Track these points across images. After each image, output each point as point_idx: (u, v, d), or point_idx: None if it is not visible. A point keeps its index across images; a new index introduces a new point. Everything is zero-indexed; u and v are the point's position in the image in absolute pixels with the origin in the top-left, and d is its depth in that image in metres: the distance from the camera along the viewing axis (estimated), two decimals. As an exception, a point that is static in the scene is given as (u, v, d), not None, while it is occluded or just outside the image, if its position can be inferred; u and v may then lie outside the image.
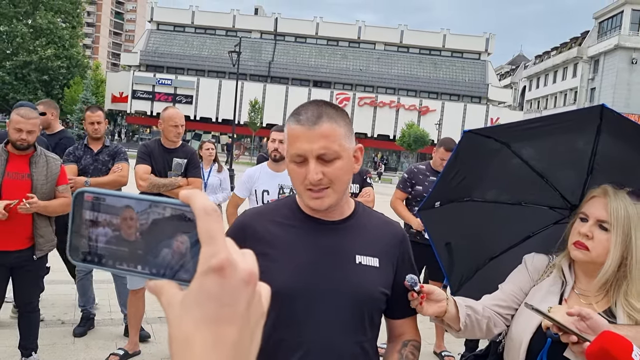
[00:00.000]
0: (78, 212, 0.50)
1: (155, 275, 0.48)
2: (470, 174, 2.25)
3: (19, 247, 3.65)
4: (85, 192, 0.50)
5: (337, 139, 1.46)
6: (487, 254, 2.37)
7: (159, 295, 0.48)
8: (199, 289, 0.45)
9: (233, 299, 0.45)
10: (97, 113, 4.77)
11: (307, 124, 1.45)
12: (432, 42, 60.80)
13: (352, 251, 1.55)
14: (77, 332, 4.73)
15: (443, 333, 5.06)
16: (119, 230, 0.49)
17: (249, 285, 0.46)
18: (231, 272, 0.45)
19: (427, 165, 5.04)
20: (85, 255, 0.50)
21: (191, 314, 0.45)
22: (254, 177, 4.13)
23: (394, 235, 1.66)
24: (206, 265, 0.45)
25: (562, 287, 1.82)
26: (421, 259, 4.82)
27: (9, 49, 49.86)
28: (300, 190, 1.51)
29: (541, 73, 65.86)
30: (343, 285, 1.50)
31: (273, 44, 60.51)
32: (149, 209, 0.48)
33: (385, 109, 57.16)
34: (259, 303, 0.49)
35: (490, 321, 1.83)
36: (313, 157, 1.44)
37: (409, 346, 1.64)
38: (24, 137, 3.56)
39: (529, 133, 2.12)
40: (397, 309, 1.65)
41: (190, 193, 0.47)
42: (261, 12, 66.99)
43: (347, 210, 1.61)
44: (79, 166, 4.60)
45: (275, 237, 1.54)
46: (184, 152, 4.41)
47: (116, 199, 0.49)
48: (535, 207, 2.30)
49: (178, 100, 55.23)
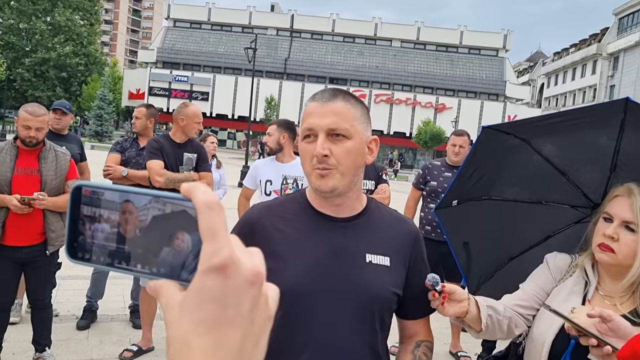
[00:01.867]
0: (75, 207, 0.48)
1: (155, 275, 0.46)
2: (488, 171, 2.19)
3: (31, 242, 3.65)
4: (83, 186, 0.48)
5: (349, 118, 1.43)
6: (506, 254, 2.30)
7: (158, 295, 0.45)
8: (199, 289, 0.42)
9: (236, 301, 0.42)
10: (138, 109, 5.07)
11: (321, 100, 1.46)
12: (449, 38, 60.36)
13: (362, 250, 1.50)
14: (81, 325, 4.76)
15: (459, 333, 4.99)
16: (118, 226, 0.46)
17: (253, 286, 0.43)
18: (234, 271, 0.42)
19: (442, 161, 5.00)
20: (83, 253, 0.48)
21: (190, 316, 0.42)
22: (259, 168, 4.26)
23: (407, 232, 1.59)
24: (207, 263, 0.42)
25: (585, 288, 1.76)
26: (437, 257, 4.78)
27: (28, 46, 50.57)
28: (308, 171, 1.47)
29: (560, 70, 65.13)
30: (352, 285, 1.45)
31: (289, 41, 60.51)
32: (149, 205, 0.46)
33: (402, 106, 56.88)
34: (265, 306, 0.45)
35: (511, 322, 1.78)
36: (323, 131, 1.42)
37: (422, 347, 1.59)
38: (32, 135, 3.55)
39: (550, 129, 2.05)
40: (409, 309, 1.60)
41: (192, 186, 0.44)
42: (277, 9, 67.00)
43: (359, 207, 1.55)
44: (123, 157, 4.83)
45: (284, 234, 1.50)
46: (193, 147, 4.41)
47: (115, 194, 0.47)
48: (556, 205, 2.23)
49: (194, 97, 55.49)
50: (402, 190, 6.05)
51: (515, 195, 2.26)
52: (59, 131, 5.04)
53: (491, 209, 2.26)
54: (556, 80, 66.69)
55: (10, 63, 47.96)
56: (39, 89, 49.38)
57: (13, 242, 3.60)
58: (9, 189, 3.53)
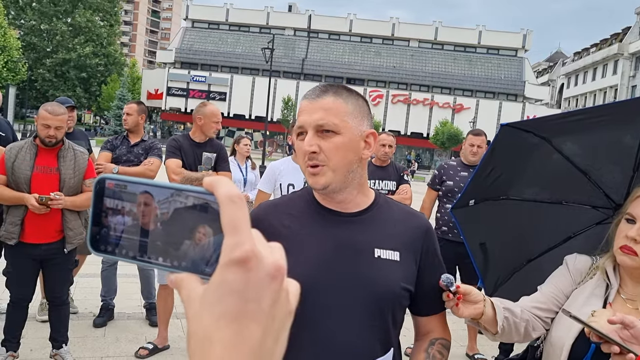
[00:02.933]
0: (99, 200, 0.48)
1: (177, 268, 0.45)
2: (507, 170, 2.14)
3: (49, 240, 3.68)
4: (107, 178, 0.48)
5: (339, 113, 1.41)
6: (525, 256, 2.25)
7: (179, 289, 0.45)
8: (221, 283, 0.42)
9: (257, 295, 0.42)
10: (129, 105, 5.00)
11: (311, 97, 1.45)
12: (468, 38, 59.95)
13: (371, 244, 1.46)
14: (97, 323, 4.79)
15: (476, 335, 4.92)
16: (140, 219, 0.47)
17: (275, 280, 0.43)
18: (256, 264, 0.42)
19: (457, 161, 4.93)
20: (106, 245, 0.48)
21: (211, 309, 0.42)
22: (278, 170, 4.02)
23: (417, 227, 1.55)
24: (228, 256, 0.41)
25: (607, 291, 1.71)
26: (454, 258, 4.72)
27: (49, 47, 51.27)
28: (303, 167, 1.45)
29: (580, 70, 64.33)
30: (360, 280, 1.42)
31: (306, 41, 60.58)
32: (170, 198, 0.46)
33: (419, 107, 56.61)
34: (286, 301, 0.45)
35: (529, 325, 1.73)
36: (311, 127, 1.41)
37: (436, 345, 1.55)
38: (52, 134, 3.57)
39: (571, 127, 2.00)
40: (422, 306, 1.57)
41: (214, 180, 0.44)
42: (295, 9, 67.12)
43: (365, 202, 1.52)
44: (113, 155, 4.80)
45: (290, 230, 1.48)
46: (213, 147, 4.41)
47: (138, 186, 0.47)
48: (577, 206, 2.18)
49: (212, 97, 55.80)
50: (419, 191, 5.99)
51: (534, 195, 2.21)
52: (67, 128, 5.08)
53: (509, 209, 2.21)
54: (576, 80, 65.87)
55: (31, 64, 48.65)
56: (59, 89, 50.03)
57: (32, 239, 3.64)
58: (29, 187, 3.56)
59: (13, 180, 3.57)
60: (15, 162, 3.58)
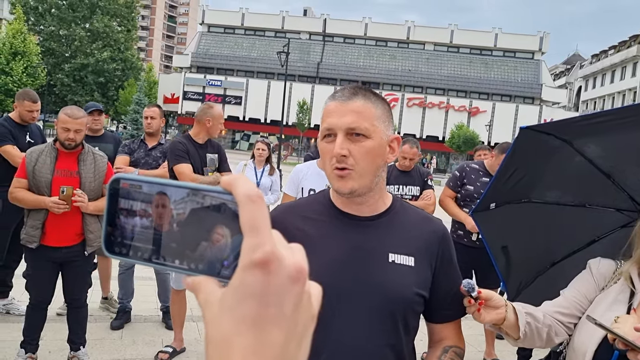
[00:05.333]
0: (113, 200, 0.47)
1: (194, 271, 0.44)
2: (528, 173, 2.11)
3: (69, 243, 3.71)
4: (122, 178, 0.47)
5: (369, 117, 1.40)
6: (548, 259, 2.21)
7: (197, 292, 0.43)
8: (240, 286, 0.40)
9: (279, 298, 0.40)
10: (151, 109, 5.03)
11: (341, 99, 1.42)
12: (483, 41, 59.59)
13: (385, 249, 1.45)
14: (114, 325, 4.82)
15: (493, 340, 4.86)
16: (155, 220, 0.45)
17: (297, 283, 0.41)
18: (277, 267, 0.40)
19: (480, 165, 4.80)
20: (120, 247, 0.46)
21: (231, 313, 0.40)
22: (301, 174, 3.92)
23: (433, 232, 1.53)
24: (248, 258, 0.40)
25: (631, 297, 1.67)
26: (471, 263, 4.67)
27: (68, 52, 51.91)
28: (329, 172, 1.44)
29: (598, 73, 63.61)
30: (373, 285, 1.41)
31: (322, 45, 60.66)
32: (187, 198, 0.44)
33: (435, 110, 56.37)
34: (309, 304, 0.44)
35: (551, 330, 1.70)
36: (342, 130, 1.39)
37: (449, 352, 1.52)
38: (71, 137, 3.61)
39: (593, 129, 1.96)
40: (436, 312, 1.54)
41: (233, 179, 0.42)
42: (310, 14, 67.29)
43: (382, 206, 1.51)
44: (131, 158, 4.85)
45: (304, 233, 1.47)
46: (213, 147, 4.42)
47: (153, 187, 0.45)
48: (600, 209, 2.14)
49: (227, 101, 56.12)
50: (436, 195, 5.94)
51: (557, 198, 2.17)
52: (96, 132, 5.13)
53: (532, 212, 2.18)
54: (594, 83, 65.14)
55: (50, 69, 49.29)
56: (77, 94, 50.59)
57: (52, 242, 3.67)
58: (49, 190, 3.59)
59: (34, 184, 3.61)
60: (35, 166, 3.62)
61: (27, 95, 4.75)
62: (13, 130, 4.66)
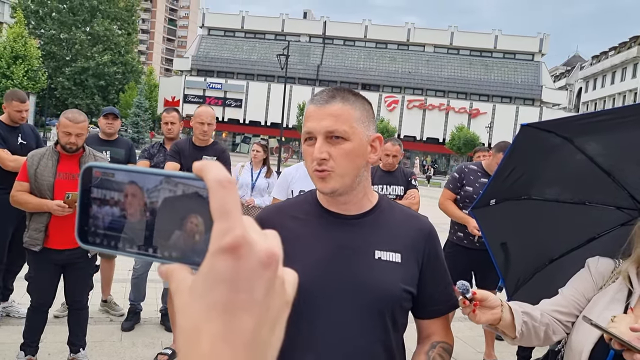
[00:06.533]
0: (86, 189, 0.46)
1: (167, 259, 0.43)
2: (528, 170, 2.11)
3: (72, 245, 3.69)
4: (94, 167, 0.46)
5: (348, 120, 1.41)
6: (547, 256, 2.21)
7: (170, 280, 0.42)
8: (210, 272, 0.39)
9: (249, 284, 0.39)
10: (171, 114, 5.04)
11: (319, 103, 1.43)
12: (484, 43, 59.65)
13: (371, 246, 1.46)
14: (125, 327, 4.83)
15: (493, 341, 4.85)
16: (128, 209, 0.44)
17: (268, 268, 0.40)
18: (247, 252, 0.39)
19: (478, 166, 4.78)
20: (94, 237, 0.46)
21: (200, 300, 0.39)
22: (290, 177, 3.87)
23: (420, 229, 1.54)
24: (218, 243, 0.39)
25: (629, 296, 1.66)
26: (470, 265, 4.66)
27: (68, 56, 52.01)
28: (311, 173, 1.45)
29: (598, 74, 63.65)
30: (360, 282, 1.42)
31: (321, 48, 60.73)
32: (160, 186, 0.44)
33: (435, 112, 56.40)
34: (282, 290, 0.42)
35: (548, 328, 1.70)
36: (320, 134, 1.40)
37: (437, 348, 1.53)
38: (72, 141, 3.61)
39: (595, 127, 1.96)
40: (423, 308, 1.55)
41: (204, 164, 0.41)
42: (310, 16, 67.36)
43: (368, 205, 1.53)
44: (151, 163, 4.90)
45: (291, 232, 1.48)
46: (215, 150, 4.43)
47: (125, 175, 0.45)
48: (600, 207, 2.13)
49: (228, 104, 56.20)
50: (435, 196, 5.94)
51: (556, 196, 2.17)
52: (110, 135, 5.13)
53: (531, 209, 2.18)
54: (594, 84, 65.17)
55: (51, 72, 49.34)
56: (78, 97, 50.69)
57: (55, 245, 3.66)
58: (51, 193, 3.59)
59: (36, 187, 3.60)
60: (37, 169, 3.61)
61: (14, 95, 4.69)
62: (3, 133, 4.63)
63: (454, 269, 3.59)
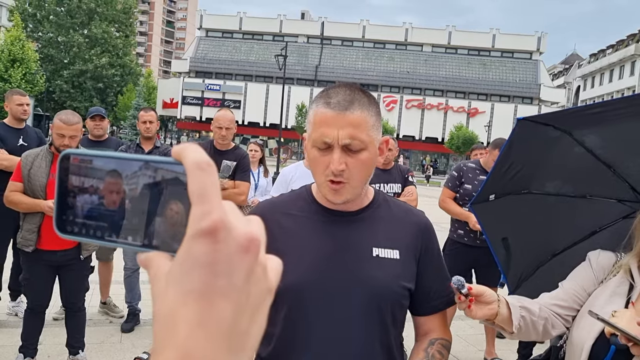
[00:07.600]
0: (64, 177, 0.44)
1: (147, 247, 0.42)
2: (527, 164, 2.08)
3: (65, 246, 3.68)
4: (72, 154, 0.45)
5: (366, 128, 1.35)
6: (548, 250, 2.18)
7: (148, 268, 0.41)
8: (187, 256, 0.38)
9: (228, 268, 0.38)
10: (149, 113, 4.96)
11: (338, 108, 1.34)
12: (481, 42, 59.71)
13: (369, 243, 1.44)
14: (125, 328, 4.81)
15: (494, 339, 4.83)
16: (107, 196, 0.43)
17: (247, 253, 0.38)
18: (225, 235, 0.37)
19: (476, 163, 4.77)
20: (73, 226, 0.44)
21: (177, 285, 0.38)
22: (290, 176, 3.93)
23: (416, 223, 1.52)
24: (195, 227, 0.37)
25: (630, 290, 1.64)
26: (471, 262, 4.65)
27: (66, 59, 51.91)
28: (320, 180, 1.40)
29: (596, 72, 63.70)
30: (358, 280, 1.40)
31: (320, 48, 60.75)
32: (139, 172, 0.42)
33: (433, 111, 56.42)
34: (264, 276, 0.41)
35: (547, 322, 1.68)
36: (339, 145, 1.33)
37: (436, 344, 1.50)
38: (66, 143, 3.59)
39: (593, 119, 1.94)
40: (421, 304, 1.52)
41: (182, 147, 0.40)
42: (307, 17, 67.38)
43: (365, 201, 1.50)
44: None
45: (286, 230, 1.45)
46: (235, 155, 4.42)
47: (104, 161, 0.43)
48: (601, 200, 2.11)
49: (226, 105, 56.05)
50: (435, 196, 5.94)
51: (557, 189, 2.15)
52: (99, 137, 5.10)
53: (532, 203, 2.15)
54: (593, 82, 65.22)
55: (49, 75, 49.23)
56: (76, 100, 50.58)
57: (48, 246, 3.65)
58: (44, 193, 3.58)
59: (29, 187, 3.59)
60: (31, 170, 3.60)
61: (14, 91, 4.80)
62: (2, 133, 4.63)
63: (455, 267, 3.58)
